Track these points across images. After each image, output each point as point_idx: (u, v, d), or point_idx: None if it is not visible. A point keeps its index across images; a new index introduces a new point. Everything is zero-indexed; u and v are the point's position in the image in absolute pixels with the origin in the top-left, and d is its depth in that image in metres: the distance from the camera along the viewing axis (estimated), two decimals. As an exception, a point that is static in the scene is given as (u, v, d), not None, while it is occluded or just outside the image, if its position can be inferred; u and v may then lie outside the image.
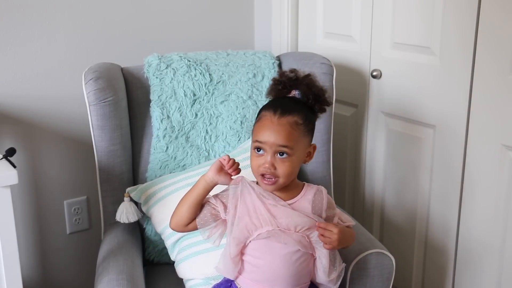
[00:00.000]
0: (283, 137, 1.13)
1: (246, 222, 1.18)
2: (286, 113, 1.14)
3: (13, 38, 1.70)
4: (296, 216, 1.18)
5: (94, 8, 1.82)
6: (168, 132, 1.60)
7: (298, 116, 1.15)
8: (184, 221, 1.23)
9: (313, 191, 1.24)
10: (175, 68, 1.64)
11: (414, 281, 1.81)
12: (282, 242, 1.17)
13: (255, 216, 1.18)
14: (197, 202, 1.22)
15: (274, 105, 1.17)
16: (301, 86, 1.19)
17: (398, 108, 1.75)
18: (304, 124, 1.16)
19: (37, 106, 1.77)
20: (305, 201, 1.22)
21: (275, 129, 1.13)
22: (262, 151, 1.15)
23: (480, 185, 1.53)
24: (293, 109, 1.16)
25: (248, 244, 1.20)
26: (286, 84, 1.20)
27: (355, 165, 1.98)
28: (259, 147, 1.15)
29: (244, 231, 1.18)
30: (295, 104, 1.18)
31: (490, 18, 1.43)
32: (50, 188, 1.85)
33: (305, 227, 1.18)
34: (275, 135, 1.13)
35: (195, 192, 1.22)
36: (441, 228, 1.68)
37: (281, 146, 1.13)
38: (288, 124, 1.14)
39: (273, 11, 2.08)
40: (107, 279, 1.27)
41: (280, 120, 1.14)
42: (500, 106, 1.44)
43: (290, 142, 1.14)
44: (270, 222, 1.17)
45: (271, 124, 1.14)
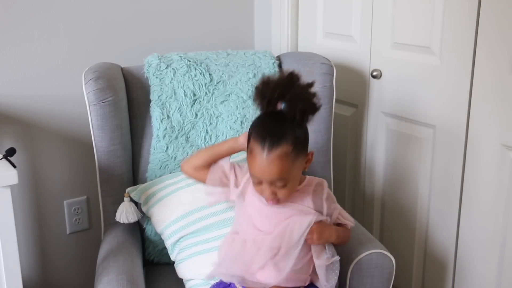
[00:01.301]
0: (276, 173, 1.14)
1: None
2: (274, 146, 1.12)
3: (13, 38, 1.70)
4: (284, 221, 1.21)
5: (94, 8, 1.82)
6: (168, 132, 1.60)
7: (287, 145, 1.13)
8: (197, 164, 1.29)
9: (314, 182, 1.28)
10: (175, 68, 1.64)
11: (414, 281, 1.81)
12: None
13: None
14: (216, 157, 1.29)
15: (262, 136, 1.14)
16: (286, 101, 1.14)
17: (398, 108, 1.75)
18: (294, 151, 1.14)
19: (37, 106, 1.77)
20: (308, 188, 1.25)
21: (266, 167, 1.13)
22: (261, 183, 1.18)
23: (480, 185, 1.53)
24: (280, 137, 1.13)
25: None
26: (270, 101, 1.15)
27: (355, 165, 1.98)
28: (256, 179, 1.18)
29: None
30: (282, 126, 1.14)
31: (490, 18, 1.43)
32: (50, 188, 1.85)
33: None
34: (267, 173, 1.14)
35: (221, 147, 1.29)
36: (441, 228, 1.68)
37: (277, 180, 1.15)
38: (278, 159, 1.13)
39: (273, 11, 2.08)
40: (107, 279, 1.27)
41: (269, 156, 1.12)
42: (500, 106, 1.44)
43: (283, 175, 1.15)
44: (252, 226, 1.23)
45: (261, 161, 1.14)
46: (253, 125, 1.19)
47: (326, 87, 1.62)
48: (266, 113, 1.17)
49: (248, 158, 1.18)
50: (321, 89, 1.62)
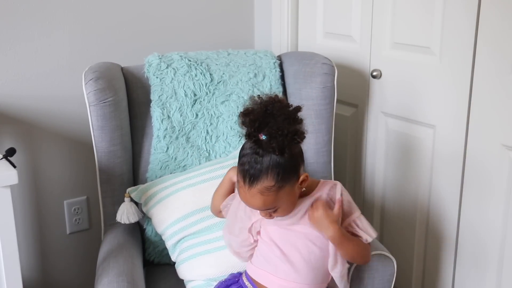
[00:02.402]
0: (259, 205, 1.15)
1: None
2: (254, 181, 1.12)
3: (13, 38, 1.70)
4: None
5: (94, 7, 1.82)
6: (168, 133, 1.60)
7: (267, 179, 1.12)
8: (217, 209, 1.34)
9: (328, 186, 1.26)
10: (176, 68, 1.63)
11: (414, 281, 1.81)
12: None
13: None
14: (225, 193, 1.31)
15: (243, 170, 1.14)
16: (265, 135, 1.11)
17: (398, 108, 1.75)
18: (276, 184, 1.12)
19: (37, 106, 1.77)
20: (320, 193, 1.24)
21: (250, 200, 1.15)
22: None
23: (480, 185, 1.53)
24: (259, 174, 1.12)
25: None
26: (251, 133, 1.12)
27: (355, 165, 1.98)
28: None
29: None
30: (263, 160, 1.12)
31: (490, 18, 1.43)
32: (50, 188, 1.85)
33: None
34: (252, 204, 1.16)
35: (222, 185, 1.31)
36: (441, 228, 1.68)
37: (264, 209, 1.17)
38: (259, 193, 1.13)
39: (273, 11, 2.08)
40: (107, 280, 1.27)
41: (250, 191, 1.13)
42: (500, 106, 1.44)
43: (268, 206, 1.15)
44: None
45: (244, 194, 1.15)
46: (239, 154, 1.17)
47: (327, 87, 1.62)
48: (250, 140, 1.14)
49: (238, 181, 1.19)
50: (322, 90, 1.61)
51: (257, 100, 1.13)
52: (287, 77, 1.73)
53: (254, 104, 1.13)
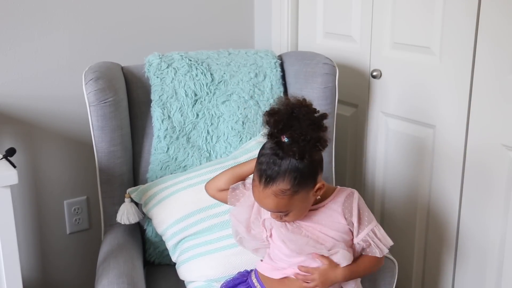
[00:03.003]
0: (272, 207, 1.15)
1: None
2: (270, 182, 1.11)
3: (13, 38, 1.70)
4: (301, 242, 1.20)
5: (95, 7, 1.81)
6: (169, 133, 1.60)
7: (283, 183, 1.11)
8: (220, 186, 1.31)
9: (344, 194, 1.23)
10: (176, 68, 1.63)
11: (414, 281, 1.81)
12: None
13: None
14: (239, 177, 1.29)
15: (260, 170, 1.13)
16: (289, 134, 1.10)
17: (398, 108, 1.75)
18: (292, 189, 1.11)
19: (37, 106, 1.77)
20: (335, 204, 1.21)
21: (263, 200, 1.14)
22: None
23: (480, 185, 1.53)
24: (276, 176, 1.11)
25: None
26: (273, 134, 1.11)
27: (355, 165, 1.98)
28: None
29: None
30: (281, 162, 1.11)
31: (490, 18, 1.43)
32: (50, 188, 1.85)
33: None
34: (264, 205, 1.15)
35: (243, 168, 1.29)
36: (441, 228, 1.68)
37: (275, 211, 1.16)
38: (273, 195, 1.12)
39: (273, 11, 2.08)
40: (107, 281, 1.27)
41: (264, 191, 1.12)
42: (500, 106, 1.44)
43: (280, 209, 1.14)
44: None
45: (258, 193, 1.15)
46: (259, 152, 1.17)
47: (328, 87, 1.61)
48: (272, 141, 1.14)
49: (253, 180, 1.18)
50: (324, 90, 1.61)
51: (284, 101, 1.13)
52: (288, 77, 1.73)
53: (281, 105, 1.12)
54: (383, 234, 1.23)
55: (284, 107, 1.12)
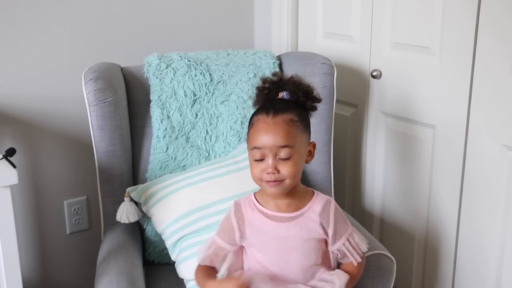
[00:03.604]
0: (282, 136, 1.09)
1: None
2: (279, 111, 1.11)
3: (13, 38, 1.70)
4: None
5: (94, 7, 1.82)
6: (168, 133, 1.60)
7: (292, 114, 1.12)
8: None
9: (322, 203, 1.20)
10: (175, 68, 1.63)
11: (414, 281, 1.81)
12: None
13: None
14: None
15: (265, 107, 1.13)
16: (287, 86, 1.16)
17: (398, 108, 1.75)
18: (299, 121, 1.12)
19: (37, 106, 1.77)
20: (313, 214, 1.18)
21: (272, 129, 1.09)
22: (262, 159, 1.11)
23: (480, 185, 1.53)
24: (285, 107, 1.13)
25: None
26: (271, 88, 1.16)
27: (355, 165, 1.98)
28: (258, 153, 1.11)
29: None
30: (286, 103, 1.15)
31: (490, 18, 1.43)
32: (50, 188, 1.85)
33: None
34: (273, 136, 1.09)
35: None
36: (441, 228, 1.68)
37: (282, 147, 1.09)
38: (284, 122, 1.10)
39: (273, 11, 2.08)
40: (107, 280, 1.27)
41: (274, 119, 1.10)
42: (500, 106, 1.44)
43: (290, 140, 1.10)
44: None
45: (266, 125, 1.10)
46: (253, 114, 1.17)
47: (326, 87, 1.62)
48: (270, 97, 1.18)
49: (249, 135, 1.14)
50: (322, 90, 1.61)
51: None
52: (287, 77, 1.73)
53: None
54: (357, 241, 1.21)
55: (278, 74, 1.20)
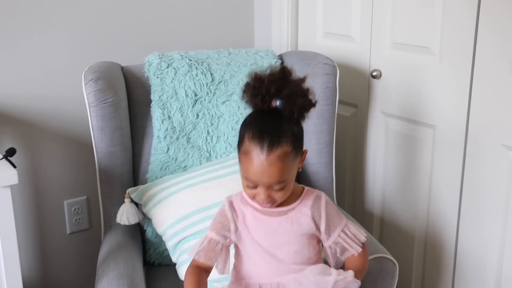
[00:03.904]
0: (276, 176, 1.05)
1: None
2: (274, 146, 1.03)
3: (13, 38, 1.70)
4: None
5: (95, 7, 1.81)
6: (169, 133, 1.60)
7: (287, 144, 1.05)
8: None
9: (312, 196, 1.17)
10: (176, 68, 1.63)
11: (414, 281, 1.81)
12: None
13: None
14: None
15: (260, 137, 1.04)
16: (283, 99, 1.06)
17: (398, 108, 1.75)
18: (293, 150, 1.06)
19: (37, 106, 1.77)
20: (304, 207, 1.15)
21: (266, 170, 1.04)
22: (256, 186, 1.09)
23: (480, 185, 1.54)
24: (280, 136, 1.05)
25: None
26: (265, 97, 1.06)
27: (355, 165, 1.98)
28: (251, 183, 1.08)
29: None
30: (280, 125, 1.06)
31: (490, 18, 1.43)
32: (50, 188, 1.85)
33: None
34: (267, 176, 1.05)
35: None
36: (441, 228, 1.68)
37: (276, 183, 1.07)
38: (278, 160, 1.04)
39: (273, 11, 2.08)
40: (107, 283, 1.26)
41: (269, 158, 1.03)
42: (500, 106, 1.44)
43: (284, 177, 1.06)
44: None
45: (260, 164, 1.04)
46: (246, 123, 1.09)
47: (329, 87, 1.61)
48: (259, 110, 1.08)
49: (242, 161, 1.08)
50: (324, 90, 1.61)
51: (262, 71, 1.07)
52: (288, 77, 1.73)
53: (261, 74, 1.07)
54: (354, 232, 1.18)
55: (270, 72, 1.07)
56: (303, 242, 1.16)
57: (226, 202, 1.20)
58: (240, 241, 1.18)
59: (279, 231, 1.15)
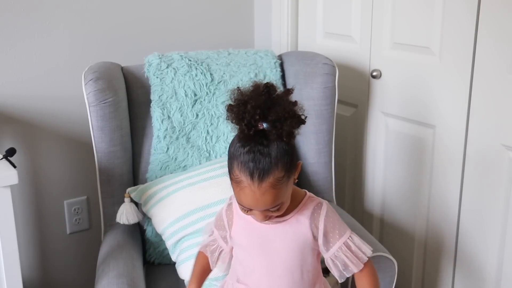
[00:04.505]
0: (271, 202, 1.02)
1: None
2: (265, 176, 0.99)
3: (13, 38, 1.70)
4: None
5: (95, 7, 1.82)
6: (168, 133, 1.60)
7: (278, 170, 1.00)
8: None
9: (312, 205, 1.11)
10: (176, 68, 1.63)
11: (414, 281, 1.81)
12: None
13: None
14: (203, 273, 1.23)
15: (249, 167, 0.99)
16: (269, 122, 1.00)
17: (398, 108, 1.75)
18: (286, 174, 1.02)
19: (37, 106, 1.77)
20: (302, 216, 1.10)
21: (260, 199, 1.01)
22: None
23: (480, 185, 1.53)
24: (270, 163, 0.99)
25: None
26: (250, 122, 0.99)
27: (355, 165, 1.98)
28: (246, 209, 1.05)
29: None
30: (269, 151, 1.00)
31: (490, 18, 1.43)
32: (50, 188, 1.85)
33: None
34: (261, 204, 1.02)
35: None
36: (441, 228, 1.68)
37: (273, 205, 1.03)
38: (271, 188, 1.00)
39: (273, 11, 2.08)
40: (106, 282, 1.27)
41: (261, 187, 0.99)
42: (500, 106, 1.44)
43: (279, 201, 1.02)
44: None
45: (253, 194, 1.00)
46: (234, 152, 1.02)
47: (328, 87, 1.62)
48: (245, 134, 1.01)
49: (234, 188, 1.04)
50: (323, 90, 1.61)
51: (247, 89, 1.01)
52: (288, 77, 1.73)
53: (244, 94, 1.01)
54: (358, 245, 1.10)
55: (254, 93, 1.00)
56: (298, 252, 1.10)
57: (225, 205, 1.20)
58: (234, 244, 1.18)
59: (272, 239, 1.11)
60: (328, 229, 1.10)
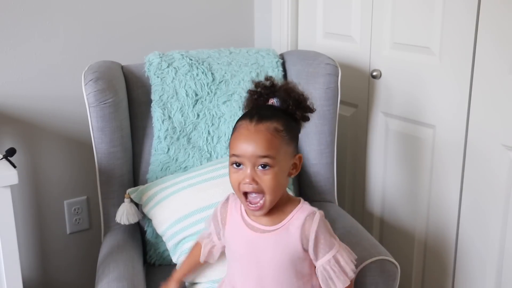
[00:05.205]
0: (262, 146, 1.01)
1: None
2: (263, 119, 1.03)
3: (13, 38, 1.70)
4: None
5: (94, 6, 1.81)
6: (169, 133, 1.59)
7: (278, 123, 1.03)
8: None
9: (304, 215, 1.08)
10: (177, 67, 1.62)
11: (414, 281, 1.81)
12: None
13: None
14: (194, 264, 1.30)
15: (250, 112, 1.06)
16: (278, 93, 1.08)
17: (398, 108, 1.75)
18: (285, 131, 1.03)
19: (37, 106, 1.77)
20: (292, 227, 1.08)
21: (253, 138, 1.01)
22: (241, 165, 1.04)
23: (480, 185, 1.54)
24: (271, 115, 1.05)
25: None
26: (262, 93, 1.09)
27: (355, 165, 1.98)
28: (236, 161, 1.03)
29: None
30: (274, 110, 1.07)
31: (490, 18, 1.43)
32: (50, 188, 1.85)
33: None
34: (253, 145, 1.01)
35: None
36: (441, 228, 1.68)
37: (261, 157, 1.01)
38: (266, 131, 1.01)
39: (273, 11, 2.08)
40: (106, 285, 1.26)
41: (257, 127, 1.01)
42: (500, 106, 1.44)
43: (271, 151, 1.01)
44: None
45: (247, 133, 1.02)
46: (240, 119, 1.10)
47: (330, 88, 1.60)
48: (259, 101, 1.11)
49: (231, 138, 1.06)
50: (326, 90, 1.60)
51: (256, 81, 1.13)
52: (290, 77, 1.72)
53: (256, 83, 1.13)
54: (345, 261, 1.10)
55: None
56: (287, 262, 1.09)
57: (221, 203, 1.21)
58: (226, 245, 1.19)
59: (261, 248, 1.10)
60: (319, 241, 1.08)
